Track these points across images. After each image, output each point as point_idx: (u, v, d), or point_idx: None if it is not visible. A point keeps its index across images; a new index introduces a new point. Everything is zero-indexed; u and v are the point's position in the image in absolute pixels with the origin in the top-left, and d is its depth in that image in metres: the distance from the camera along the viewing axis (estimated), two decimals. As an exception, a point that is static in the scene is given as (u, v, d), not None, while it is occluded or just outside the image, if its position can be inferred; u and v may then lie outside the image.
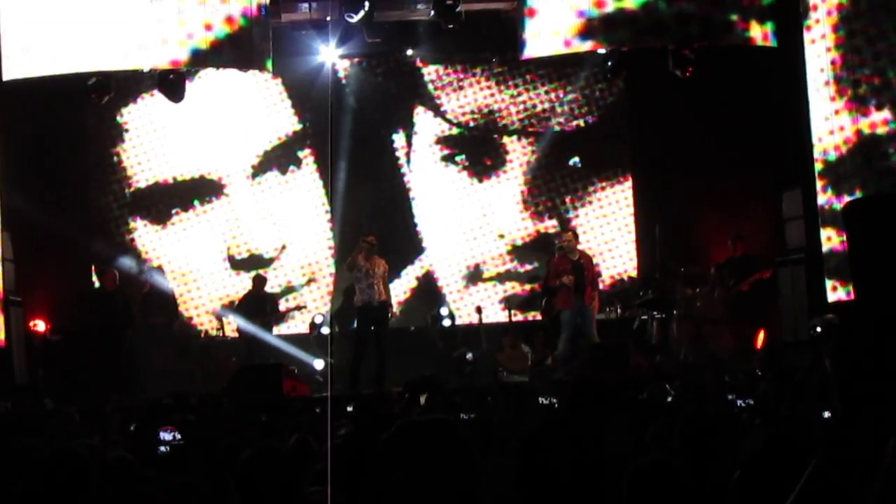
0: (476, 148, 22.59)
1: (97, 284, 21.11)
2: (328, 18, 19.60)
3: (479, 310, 21.07)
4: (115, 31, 18.73)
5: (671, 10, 19.20)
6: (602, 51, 19.99)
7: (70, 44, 18.83)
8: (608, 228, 22.35)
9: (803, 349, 17.55)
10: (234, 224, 22.08)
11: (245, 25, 19.02)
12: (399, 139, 22.56)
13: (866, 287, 4.53)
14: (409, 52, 21.82)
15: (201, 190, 22.08)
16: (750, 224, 21.09)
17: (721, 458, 5.54)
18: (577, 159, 22.38)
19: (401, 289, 21.43)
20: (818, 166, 18.67)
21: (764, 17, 19.51)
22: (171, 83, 19.35)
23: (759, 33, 19.58)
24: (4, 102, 18.46)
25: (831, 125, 18.62)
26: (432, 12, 19.39)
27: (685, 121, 21.70)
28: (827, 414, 8.40)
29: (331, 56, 20.79)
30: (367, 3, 18.87)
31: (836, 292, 18.60)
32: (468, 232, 22.29)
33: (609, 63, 20.25)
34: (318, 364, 19.11)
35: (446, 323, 21.01)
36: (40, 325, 19.89)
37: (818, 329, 17.93)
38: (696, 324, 20.04)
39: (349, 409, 12.94)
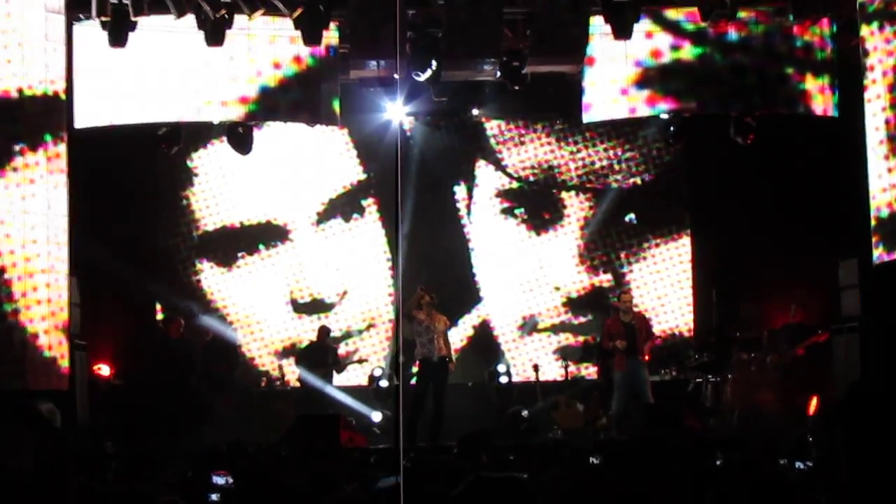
0: (535, 202, 22.76)
1: (162, 330, 21.26)
2: (396, 76, 19.26)
3: (535, 367, 20.99)
4: (186, 84, 18.83)
5: (726, 61, 19.10)
6: (665, 116, 20.00)
7: (141, 95, 18.94)
8: (661, 284, 22.47)
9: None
10: (297, 269, 22.19)
11: (315, 80, 19.08)
12: (460, 191, 22.76)
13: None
14: (475, 111, 21.83)
15: (267, 234, 22.17)
16: (806, 291, 21.03)
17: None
18: (632, 216, 22.43)
19: (457, 337, 21.05)
20: (872, 222, 18.15)
21: (820, 72, 19.31)
22: (240, 136, 19.70)
23: (821, 103, 19.31)
24: (76, 149, 17.94)
25: (884, 183, 18.08)
26: (498, 73, 19.33)
27: (745, 183, 21.72)
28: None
29: (398, 114, 20.72)
30: (434, 63, 18.59)
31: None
32: (525, 283, 22.32)
33: (671, 128, 20.27)
34: (376, 416, 19.27)
35: (503, 380, 21.03)
36: (104, 370, 20.01)
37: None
38: (750, 389, 19.89)
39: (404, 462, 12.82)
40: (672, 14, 19.11)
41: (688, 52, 19.36)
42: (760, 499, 6.23)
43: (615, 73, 19.27)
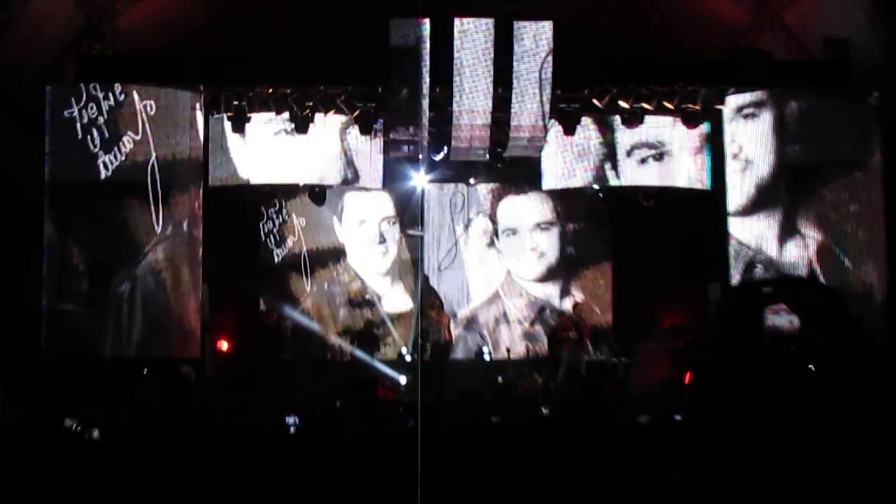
0: (510, 239, 22.38)
1: (263, 319, 21.35)
2: (420, 156, 19.37)
3: (508, 350, 21.01)
4: (282, 158, 19.04)
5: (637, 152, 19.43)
6: (595, 186, 20.03)
7: (252, 164, 19.22)
8: (592, 295, 22.23)
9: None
10: (352, 279, 21.99)
11: (366, 157, 19.31)
12: (459, 230, 22.27)
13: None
14: (472, 180, 21.79)
15: (332, 256, 22.09)
16: (686, 303, 20.86)
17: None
18: (572, 249, 22.37)
19: (455, 327, 21.08)
20: (730, 258, 18.47)
21: (698, 156, 19.53)
22: (316, 194, 20.16)
23: (699, 179, 19.58)
24: (209, 198, 18.36)
25: (736, 232, 18.52)
26: (487, 156, 19.24)
27: (647, 230, 21.30)
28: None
29: (421, 181, 20.56)
30: (446, 148, 18.86)
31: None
32: (501, 291, 22.10)
33: (600, 194, 20.59)
34: (403, 380, 18.97)
35: (486, 357, 21.00)
36: (224, 345, 20.15)
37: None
38: (649, 367, 19.57)
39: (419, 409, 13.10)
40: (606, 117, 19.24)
41: (609, 138, 19.53)
42: (655, 441, 5.86)
43: (564, 157, 19.53)
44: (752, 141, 18.22)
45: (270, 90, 18.22)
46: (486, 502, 4.53)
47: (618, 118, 18.77)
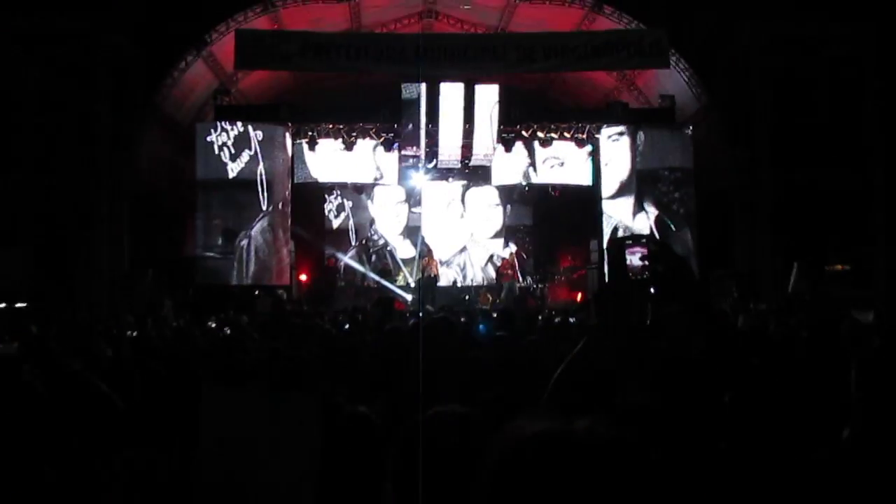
0: (473, 214, 21.24)
1: (327, 262, 20.72)
2: (420, 165, 19.66)
3: (472, 280, 20.75)
4: (339, 166, 19.13)
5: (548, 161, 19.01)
6: (523, 182, 19.70)
7: (321, 171, 19.16)
8: (523, 250, 21.20)
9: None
10: (380, 237, 21.16)
11: (387, 165, 19.31)
12: (443, 208, 21.20)
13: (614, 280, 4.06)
14: (450, 179, 20.92)
15: (368, 224, 21.18)
16: (577, 251, 20.70)
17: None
18: (510, 219, 21.33)
19: (445, 269, 20.13)
20: (605, 225, 18.36)
21: (584, 165, 19.15)
22: (358, 187, 20.10)
23: (587, 177, 19.38)
24: (293, 190, 18.50)
25: (607, 210, 18.65)
26: (460, 165, 19.50)
27: (552, 209, 20.82)
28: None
29: (421, 179, 20.42)
30: (435, 160, 19.18)
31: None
32: (472, 246, 21.23)
33: (526, 188, 20.25)
34: (409, 297, 18.13)
35: (459, 284, 20.42)
36: (304, 277, 20.07)
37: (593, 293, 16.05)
38: (557, 291, 19.92)
39: (420, 314, 11.98)
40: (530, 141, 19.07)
41: (532, 154, 19.18)
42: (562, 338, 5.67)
43: (505, 165, 19.51)
44: (616, 155, 18.66)
45: (331, 126, 18.57)
46: (455, 360, 4.02)
47: (537, 142, 18.96)
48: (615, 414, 2.07)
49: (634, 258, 3.24)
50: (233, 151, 17.64)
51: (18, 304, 13.90)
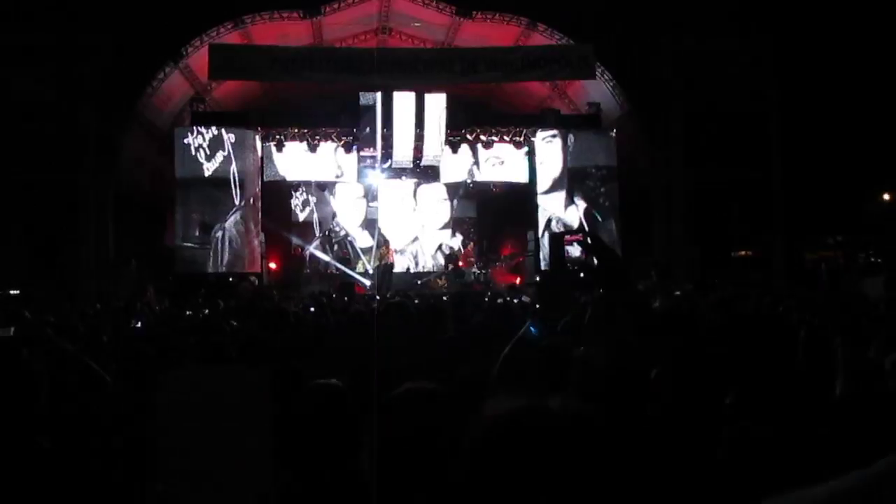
0: (424, 207, 20.64)
1: (293, 252, 19.83)
2: (377, 165, 19.21)
3: (423, 267, 20.21)
4: (303, 165, 19.02)
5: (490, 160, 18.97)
6: (468, 180, 19.77)
7: (288, 170, 19.09)
8: (468, 239, 20.95)
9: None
10: (341, 229, 20.14)
11: (348, 163, 19.09)
12: (398, 202, 20.53)
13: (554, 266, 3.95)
14: (404, 177, 20.16)
15: (330, 216, 20.35)
16: (517, 241, 20.68)
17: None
18: (456, 212, 20.73)
19: (400, 258, 19.93)
20: (539, 220, 18.47)
21: (522, 163, 19.10)
22: (321, 185, 19.87)
23: (525, 174, 19.43)
24: (264, 190, 18.43)
25: (542, 204, 18.62)
26: (412, 165, 19.14)
27: (496, 205, 20.57)
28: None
29: (378, 177, 19.86)
30: (390, 160, 18.97)
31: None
32: (426, 237, 20.68)
33: (470, 184, 20.04)
34: (367, 283, 17.57)
35: (412, 270, 19.92)
36: (272, 265, 19.50)
37: (537, 278, 17.32)
38: (506, 275, 19.69)
39: (377, 297, 11.80)
40: (474, 144, 19.15)
41: (475, 154, 19.19)
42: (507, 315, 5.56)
43: (451, 164, 19.43)
44: (549, 155, 18.91)
45: (296, 130, 18.78)
46: (409, 339, 3.93)
47: (480, 144, 19.29)
48: (575, 390, 2.19)
49: (572, 248, 3.16)
50: (208, 153, 17.69)
51: (12, 291, 14.31)
